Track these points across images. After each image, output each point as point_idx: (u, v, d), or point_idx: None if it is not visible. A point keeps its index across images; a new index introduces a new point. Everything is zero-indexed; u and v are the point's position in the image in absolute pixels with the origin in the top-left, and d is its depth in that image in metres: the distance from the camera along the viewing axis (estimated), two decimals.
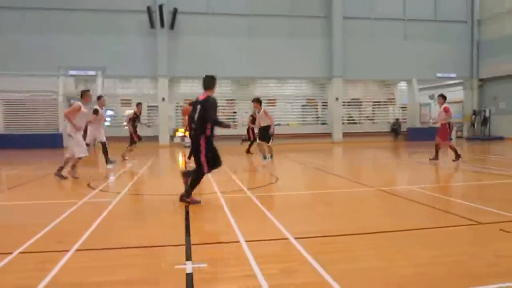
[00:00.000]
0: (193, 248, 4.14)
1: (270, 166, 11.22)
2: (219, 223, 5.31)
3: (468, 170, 10.97)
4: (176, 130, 23.75)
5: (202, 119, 6.25)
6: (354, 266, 3.64)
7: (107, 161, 12.40)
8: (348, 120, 26.89)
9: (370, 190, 7.85)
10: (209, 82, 6.53)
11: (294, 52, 24.16)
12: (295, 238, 4.37)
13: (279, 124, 23.06)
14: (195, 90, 25.43)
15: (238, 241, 4.32)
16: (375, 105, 27.58)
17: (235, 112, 25.32)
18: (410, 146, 20.59)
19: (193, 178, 6.45)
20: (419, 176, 10.54)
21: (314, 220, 5.54)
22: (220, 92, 25.48)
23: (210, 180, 9.14)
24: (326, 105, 26.06)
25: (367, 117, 27.73)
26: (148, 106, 24.67)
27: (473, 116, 26.62)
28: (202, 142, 6.28)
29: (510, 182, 8.64)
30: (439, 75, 26.57)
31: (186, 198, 6.42)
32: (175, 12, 22.86)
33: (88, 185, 8.58)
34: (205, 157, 6.30)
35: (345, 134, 25.19)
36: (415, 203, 6.47)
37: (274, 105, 25.58)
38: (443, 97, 12.52)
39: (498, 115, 25.41)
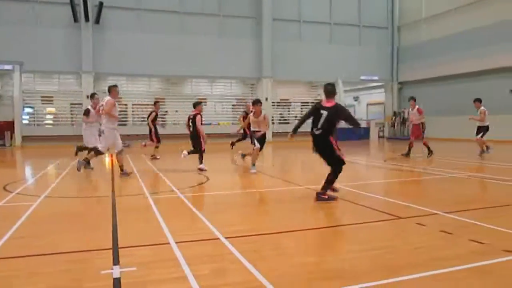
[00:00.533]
0: (121, 251, 4.01)
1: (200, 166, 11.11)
2: (148, 225, 5.18)
3: (389, 168, 11.64)
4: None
5: (331, 123, 6.71)
6: (283, 262, 3.72)
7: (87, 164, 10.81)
8: (279, 120, 27.42)
9: (298, 189, 8.06)
10: (333, 90, 7.08)
11: (224, 52, 24.18)
12: (226, 238, 4.38)
13: (210, 124, 22.99)
14: (123, 87, 24.58)
15: (168, 243, 4.25)
16: (303, 105, 28.34)
17: (166, 111, 24.81)
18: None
19: (334, 175, 6.85)
20: (344, 174, 10.99)
21: (244, 219, 5.59)
22: (149, 90, 24.91)
23: (139, 181, 8.90)
24: None
25: (295, 117, 28.42)
26: (71, 104, 23.47)
27: (393, 117, 28.25)
28: (332, 139, 6.81)
29: (426, 179, 9.29)
30: (363, 77, 27.92)
31: (322, 195, 6.62)
32: (100, 6, 21.91)
33: (5, 188, 7.99)
34: (338, 150, 6.83)
35: (276, 134, 25.65)
36: (341, 200, 6.75)
37: (205, 104, 25.45)
38: (414, 100, 13.79)
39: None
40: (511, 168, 10.33)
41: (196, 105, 11.15)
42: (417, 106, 13.65)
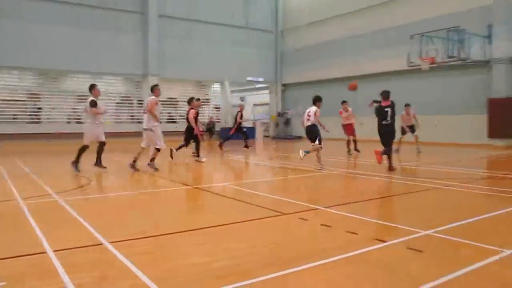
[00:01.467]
0: None
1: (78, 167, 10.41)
2: (21, 233, 4.70)
3: (275, 167, 12.11)
4: None
5: (394, 115, 9.91)
6: (173, 264, 3.65)
7: (100, 164, 10.31)
8: (168, 119, 26.91)
9: (187, 189, 8.00)
10: (387, 95, 10.04)
11: (107, 47, 22.96)
12: (111, 243, 4.16)
13: None
14: None
15: (44, 252, 3.90)
16: None
17: (39, 108, 22.77)
18: (224, 145, 21.66)
19: (388, 151, 10.06)
20: (232, 173, 11.20)
21: (131, 221, 5.37)
22: (21, 84, 22.62)
23: (9, 185, 8.06)
24: (142, 104, 25.53)
25: (182, 116, 28.14)
26: None
27: (278, 117, 29.53)
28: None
29: (307, 176, 9.85)
30: (249, 78, 28.69)
31: (392, 167, 9.98)
32: None
33: None
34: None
35: (163, 133, 25.12)
36: (229, 199, 6.85)
37: (86, 102, 23.87)
38: (346, 102, 15.56)
39: (298, 116, 28.71)
40: (381, 165, 11.42)
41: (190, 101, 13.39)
42: (350, 108, 15.13)
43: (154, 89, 10.92)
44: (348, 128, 15.22)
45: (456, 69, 18.85)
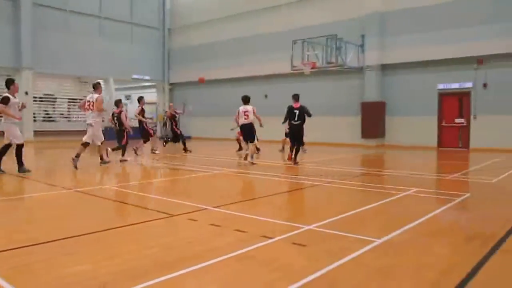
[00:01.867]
0: None
1: None
2: None
3: (163, 167, 11.85)
4: None
5: (303, 116, 11.22)
6: (54, 275, 3.35)
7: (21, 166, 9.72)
8: (44, 117, 24.79)
9: (67, 192, 7.46)
10: (297, 97, 11.51)
11: None
12: None
13: None
14: None
15: None
16: (71, 101, 26.34)
17: None
18: (108, 145, 20.61)
19: (298, 149, 11.58)
20: (116, 174, 10.70)
21: (4, 230, 4.82)
22: None
23: None
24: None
25: (62, 114, 26.19)
26: None
27: (165, 117, 28.94)
28: (304, 127, 11.39)
29: (195, 176, 9.82)
30: (135, 76, 27.70)
31: (296, 162, 11.30)
32: None
33: None
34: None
35: (39, 133, 23.10)
36: (114, 202, 6.53)
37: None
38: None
39: (186, 116, 28.47)
40: (273, 165, 11.83)
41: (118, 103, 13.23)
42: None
43: (97, 86, 11.07)
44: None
45: (335, 74, 20.32)
